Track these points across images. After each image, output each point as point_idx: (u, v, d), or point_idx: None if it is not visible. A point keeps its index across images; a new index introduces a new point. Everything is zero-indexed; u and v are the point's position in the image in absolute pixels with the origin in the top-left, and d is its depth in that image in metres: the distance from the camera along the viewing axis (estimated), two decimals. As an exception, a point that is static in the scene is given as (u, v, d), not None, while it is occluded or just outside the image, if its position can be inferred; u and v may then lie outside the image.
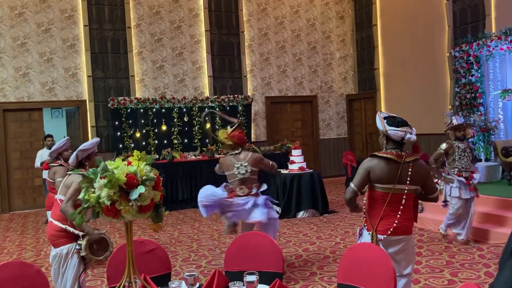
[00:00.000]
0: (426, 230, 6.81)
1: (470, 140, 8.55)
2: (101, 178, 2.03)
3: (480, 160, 8.19)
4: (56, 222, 3.59)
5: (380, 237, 3.10)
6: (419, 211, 7.18)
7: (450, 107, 9.95)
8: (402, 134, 3.09)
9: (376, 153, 3.17)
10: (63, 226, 3.54)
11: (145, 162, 2.17)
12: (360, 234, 3.31)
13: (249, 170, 4.83)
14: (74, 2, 10.40)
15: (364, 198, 3.26)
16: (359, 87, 13.10)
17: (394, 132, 3.10)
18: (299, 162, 8.60)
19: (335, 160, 12.95)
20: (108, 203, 2.02)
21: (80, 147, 3.76)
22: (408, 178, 3.08)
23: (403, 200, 3.09)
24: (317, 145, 12.94)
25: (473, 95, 8.91)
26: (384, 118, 3.18)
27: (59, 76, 10.29)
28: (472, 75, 8.89)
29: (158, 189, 2.18)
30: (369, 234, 3.17)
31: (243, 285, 2.46)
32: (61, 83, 10.31)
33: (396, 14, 11.60)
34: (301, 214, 8.18)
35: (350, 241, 6.38)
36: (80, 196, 2.10)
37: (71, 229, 3.54)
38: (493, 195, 6.73)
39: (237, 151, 4.96)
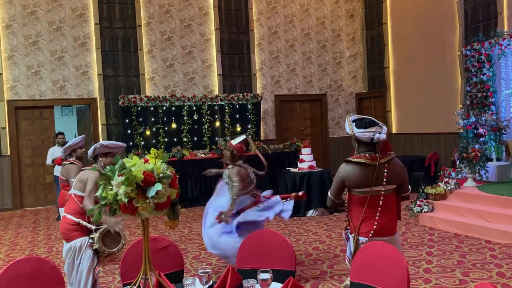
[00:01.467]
0: (437, 229, 6.79)
1: (481, 139, 8.49)
2: (118, 175, 2.05)
3: (492, 160, 8.13)
4: (69, 216, 3.66)
5: (362, 239, 3.07)
6: (429, 210, 7.20)
7: (460, 106, 9.89)
8: (371, 135, 3.05)
9: (350, 159, 3.15)
10: (76, 220, 3.62)
11: (161, 160, 2.19)
12: (347, 239, 3.29)
13: None
14: (85, 1, 10.46)
15: (345, 201, 3.26)
16: (368, 85, 13.06)
17: (362, 134, 3.07)
18: (309, 161, 8.60)
19: (345, 159, 12.91)
20: (125, 200, 2.04)
21: (103, 142, 3.84)
22: (384, 179, 3.06)
23: (380, 201, 3.08)
24: (326, 144, 12.92)
25: (484, 94, 8.85)
26: (353, 121, 3.15)
27: (70, 74, 10.37)
28: (484, 74, 8.82)
29: (174, 187, 2.20)
30: (352, 236, 3.16)
31: (257, 283, 2.47)
32: (72, 81, 10.39)
33: (406, 12, 11.54)
34: (310, 212, 8.19)
35: (360, 240, 6.37)
36: (98, 193, 2.13)
37: (84, 223, 3.63)
38: (505, 195, 6.68)
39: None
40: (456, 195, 7.41)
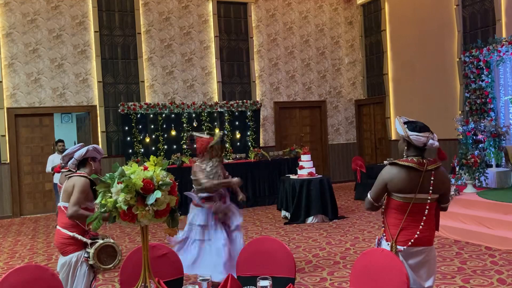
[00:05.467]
0: (437, 236, 6.76)
1: (480, 145, 8.50)
2: (118, 183, 2.05)
3: (491, 166, 8.14)
4: (63, 230, 3.48)
5: (400, 248, 2.95)
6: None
7: (460, 112, 9.91)
8: (425, 139, 2.96)
9: (397, 161, 3.01)
10: (71, 234, 3.44)
11: (161, 167, 2.19)
12: (379, 245, 3.18)
13: None
14: (85, 9, 10.52)
15: (383, 207, 3.11)
16: (368, 92, 13.09)
17: (417, 137, 2.96)
18: (309, 168, 8.59)
19: (344, 166, 12.93)
20: (125, 207, 2.04)
21: (95, 145, 3.78)
22: (431, 187, 2.94)
23: (426, 210, 2.94)
24: (326, 150, 12.93)
25: (483, 100, 8.87)
26: (405, 123, 3.04)
27: (70, 81, 10.39)
28: (482, 80, 8.85)
29: (174, 194, 2.20)
30: (388, 244, 3.03)
31: (257, 290, 2.46)
32: (72, 89, 10.41)
33: (405, 19, 11.60)
34: (310, 219, 8.17)
35: (360, 246, 6.36)
36: (97, 201, 2.13)
37: (79, 237, 3.45)
38: (505, 201, 6.67)
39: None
40: (456, 201, 7.40)
